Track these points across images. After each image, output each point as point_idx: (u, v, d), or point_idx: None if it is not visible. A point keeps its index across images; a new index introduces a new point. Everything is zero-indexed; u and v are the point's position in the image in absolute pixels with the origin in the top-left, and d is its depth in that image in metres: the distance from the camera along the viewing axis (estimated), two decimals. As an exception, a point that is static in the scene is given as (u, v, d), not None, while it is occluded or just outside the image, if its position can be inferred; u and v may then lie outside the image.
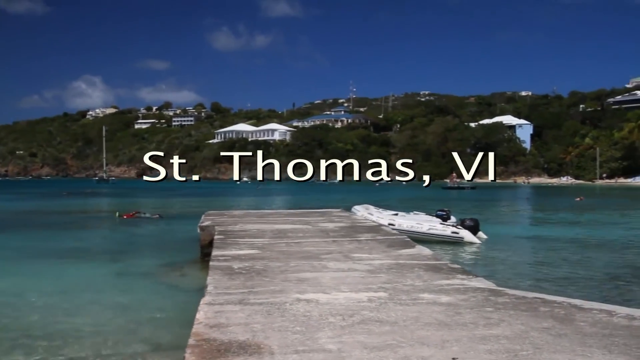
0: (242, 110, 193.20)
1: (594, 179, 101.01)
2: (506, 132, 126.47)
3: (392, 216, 19.56)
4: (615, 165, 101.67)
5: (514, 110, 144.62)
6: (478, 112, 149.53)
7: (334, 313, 5.25)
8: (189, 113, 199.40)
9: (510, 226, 25.70)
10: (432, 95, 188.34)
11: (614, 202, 47.24)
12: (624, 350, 4.07)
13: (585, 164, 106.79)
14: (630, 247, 18.03)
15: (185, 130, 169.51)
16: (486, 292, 6.31)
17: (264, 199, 50.94)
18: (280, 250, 9.79)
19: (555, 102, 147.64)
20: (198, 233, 14.66)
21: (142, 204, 43.31)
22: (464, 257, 15.68)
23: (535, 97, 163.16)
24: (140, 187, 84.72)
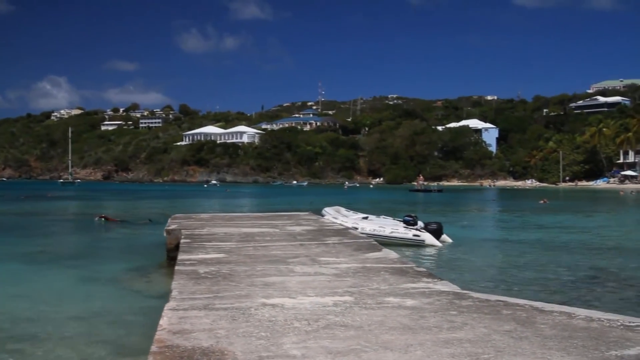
0: (210, 112, 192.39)
1: (558, 182, 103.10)
2: (472, 135, 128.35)
3: (357, 219, 19.68)
4: (578, 169, 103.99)
5: (480, 114, 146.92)
6: (445, 116, 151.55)
7: (299, 318, 5.24)
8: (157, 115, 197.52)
9: (476, 229, 26.04)
10: (400, 98, 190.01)
11: (576, 204, 48.26)
12: (582, 352, 4.15)
13: (549, 167, 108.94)
14: (591, 249, 18.42)
15: (153, 132, 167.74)
16: (451, 295, 6.37)
17: (232, 202, 50.63)
18: (247, 254, 9.73)
19: (520, 107, 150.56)
20: (164, 237, 14.50)
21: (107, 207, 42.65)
22: (431, 260, 15.82)
23: (501, 101, 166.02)
24: (107, 190, 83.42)
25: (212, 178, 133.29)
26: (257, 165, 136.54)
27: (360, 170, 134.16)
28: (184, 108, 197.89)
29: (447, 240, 18.87)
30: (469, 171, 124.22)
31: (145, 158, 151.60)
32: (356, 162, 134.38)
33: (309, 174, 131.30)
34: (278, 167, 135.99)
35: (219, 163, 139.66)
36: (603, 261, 15.70)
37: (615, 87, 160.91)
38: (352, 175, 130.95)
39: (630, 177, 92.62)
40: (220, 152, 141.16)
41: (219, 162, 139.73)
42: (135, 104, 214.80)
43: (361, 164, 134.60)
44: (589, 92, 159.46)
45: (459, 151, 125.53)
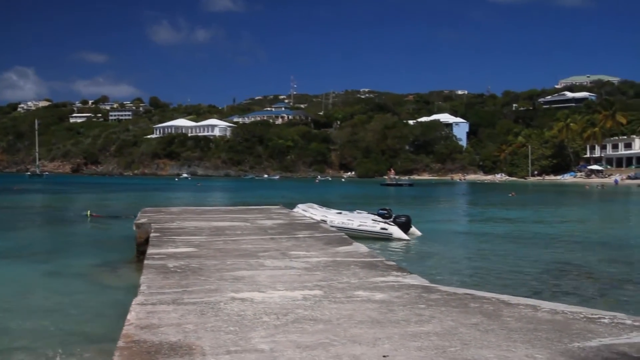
0: (181, 105, 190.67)
1: (526, 176, 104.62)
2: (443, 130, 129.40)
3: (326, 213, 19.74)
4: (546, 163, 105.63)
5: (451, 108, 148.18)
6: (416, 110, 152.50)
7: (268, 312, 5.24)
8: (127, 107, 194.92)
9: (446, 222, 26.30)
10: (372, 92, 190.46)
11: (543, 198, 49.10)
12: (546, 344, 4.23)
13: (518, 162, 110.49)
14: (557, 242, 18.78)
15: (123, 125, 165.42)
16: (419, 289, 6.42)
17: (203, 196, 50.30)
18: (217, 248, 9.69)
19: (490, 101, 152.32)
20: (134, 230, 14.35)
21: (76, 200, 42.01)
22: (401, 254, 15.95)
23: (471, 96, 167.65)
24: (76, 183, 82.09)
25: (183, 171, 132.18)
26: (229, 159, 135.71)
27: (332, 164, 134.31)
28: (155, 101, 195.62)
29: (416, 233, 19.05)
30: (439, 165, 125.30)
31: (115, 151, 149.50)
32: (328, 155, 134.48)
33: (281, 168, 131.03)
34: (250, 160, 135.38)
35: (190, 156, 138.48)
36: (569, 254, 16.01)
37: (582, 83, 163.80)
38: (323, 169, 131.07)
39: (596, 171, 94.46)
40: (191, 145, 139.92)
41: (190, 156, 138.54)
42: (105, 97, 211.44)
43: (333, 158, 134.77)
44: (557, 88, 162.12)
45: (430, 145, 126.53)
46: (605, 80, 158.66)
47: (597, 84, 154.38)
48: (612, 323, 4.86)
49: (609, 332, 4.56)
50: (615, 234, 21.90)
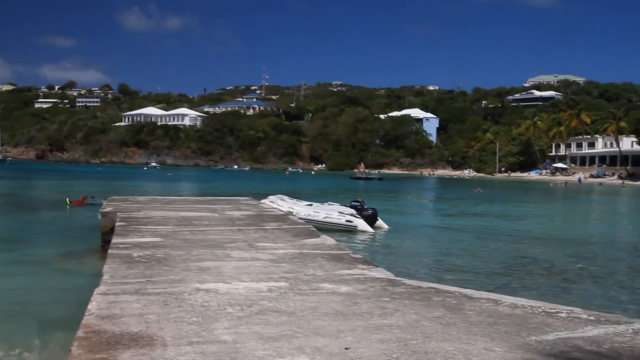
0: (151, 93, 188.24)
1: (494, 173, 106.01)
2: (414, 125, 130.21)
3: (294, 204, 19.79)
4: (513, 160, 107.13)
5: (422, 103, 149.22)
6: (387, 105, 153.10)
7: (232, 303, 5.23)
8: (95, 94, 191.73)
9: (413, 216, 26.56)
10: (344, 85, 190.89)
11: (508, 194, 49.88)
12: (505, 338, 4.31)
13: (486, 158, 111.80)
14: (520, 237, 19.12)
15: (91, 112, 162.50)
16: (384, 282, 6.47)
17: (171, 185, 49.79)
18: (184, 238, 9.62)
19: (460, 98, 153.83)
20: (99, 219, 14.16)
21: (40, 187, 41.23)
22: (369, 247, 16.06)
23: (442, 92, 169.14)
24: (41, 169, 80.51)
25: (152, 160, 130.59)
26: (199, 149, 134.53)
27: (302, 156, 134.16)
28: (124, 88, 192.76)
29: (383, 226, 19.22)
30: (409, 160, 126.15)
31: (82, 138, 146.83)
32: (299, 148, 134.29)
33: (251, 159, 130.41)
34: (220, 151, 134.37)
35: (159, 145, 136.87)
36: (532, 249, 16.32)
37: (549, 82, 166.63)
38: (294, 161, 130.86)
39: (560, 169, 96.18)
40: (160, 134, 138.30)
41: (159, 145, 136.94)
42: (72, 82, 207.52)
43: (303, 150, 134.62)
44: (525, 86, 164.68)
45: (400, 140, 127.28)
46: (571, 80, 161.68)
47: (564, 84, 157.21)
48: (568, 317, 4.97)
49: (566, 326, 4.67)
50: (576, 231, 22.41)
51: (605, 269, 13.59)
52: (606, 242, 19.01)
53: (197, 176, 76.99)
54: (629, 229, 24.77)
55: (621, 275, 12.91)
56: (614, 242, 19.18)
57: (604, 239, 19.76)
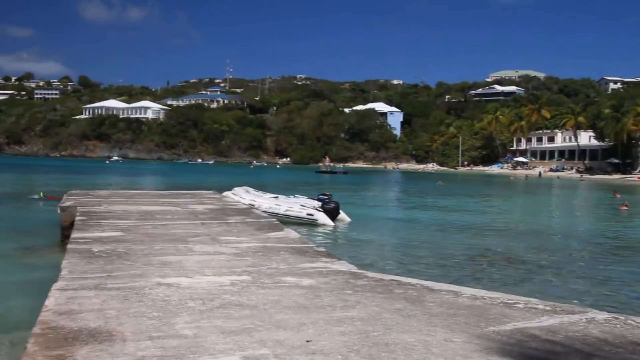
0: (112, 85, 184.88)
1: (457, 167, 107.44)
2: (378, 118, 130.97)
3: (257, 197, 19.77)
4: (476, 154, 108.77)
5: (386, 97, 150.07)
6: (352, 98, 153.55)
7: (194, 297, 5.20)
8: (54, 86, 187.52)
9: (376, 209, 26.74)
10: (309, 79, 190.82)
11: (469, 187, 50.67)
12: (464, 329, 4.39)
13: (450, 152, 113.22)
14: (481, 229, 19.44)
15: (50, 104, 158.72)
16: (347, 274, 6.51)
17: (134, 179, 49.06)
18: (146, 232, 9.51)
19: (424, 92, 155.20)
20: (58, 214, 13.88)
21: (-3, 182, 40.13)
22: (333, 240, 16.13)
23: (406, 86, 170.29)
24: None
25: (113, 154, 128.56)
26: (162, 142, 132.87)
27: (267, 150, 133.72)
28: (84, 80, 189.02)
29: (346, 219, 19.33)
30: (374, 153, 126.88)
31: (40, 131, 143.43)
32: (263, 141, 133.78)
33: (216, 153, 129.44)
34: (183, 144, 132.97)
35: (122, 138, 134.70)
36: (492, 241, 16.62)
37: (511, 77, 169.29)
38: (259, 154, 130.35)
39: (521, 163, 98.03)
40: (122, 127, 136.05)
41: (122, 138, 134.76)
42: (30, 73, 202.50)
43: (268, 144, 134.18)
44: (487, 81, 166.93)
45: (365, 133, 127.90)
46: (532, 75, 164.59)
47: (525, 79, 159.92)
48: (526, 308, 5.09)
49: (523, 317, 4.77)
50: (536, 223, 22.88)
51: (563, 259, 13.93)
52: (564, 233, 19.47)
53: (161, 170, 76.07)
54: (585, 221, 25.43)
55: (578, 265, 13.24)
56: (571, 234, 19.65)
57: (562, 231, 20.24)
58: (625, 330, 4.43)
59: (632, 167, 79.61)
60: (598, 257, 14.57)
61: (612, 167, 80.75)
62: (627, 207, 29.99)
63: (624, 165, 79.74)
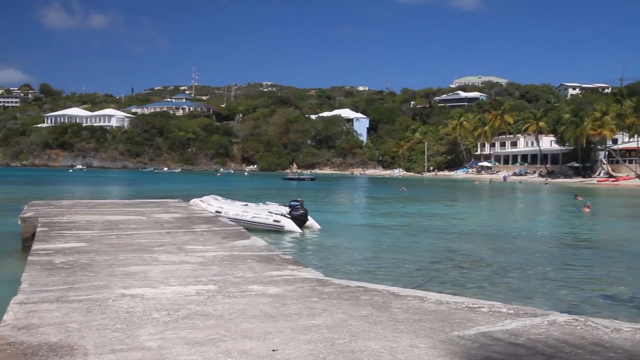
0: (75, 93, 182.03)
1: (423, 172, 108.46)
2: (344, 125, 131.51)
3: (222, 204, 19.66)
4: (441, 159, 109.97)
5: (352, 104, 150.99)
6: (318, 105, 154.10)
7: (159, 308, 5.13)
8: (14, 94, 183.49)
9: (344, 215, 26.81)
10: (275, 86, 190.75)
11: (434, 192, 51.17)
12: (429, 334, 4.43)
13: (415, 157, 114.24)
14: (447, 233, 19.64)
15: (9, 113, 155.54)
16: (314, 282, 6.51)
17: (99, 189, 48.26)
18: (110, 242, 9.37)
19: (389, 98, 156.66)
20: (19, 225, 13.58)
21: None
22: (300, 247, 16.11)
23: (372, 92, 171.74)
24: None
25: (77, 163, 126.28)
26: (127, 150, 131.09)
27: (234, 157, 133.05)
28: (46, 88, 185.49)
29: (315, 226, 19.33)
30: (340, 160, 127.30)
31: (0, 140, 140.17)
32: (230, 149, 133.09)
33: (182, 160, 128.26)
34: (149, 152, 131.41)
35: (85, 147, 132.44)
36: (458, 245, 16.79)
37: (474, 83, 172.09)
38: (225, 162, 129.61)
39: (486, 167, 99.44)
40: (86, 135, 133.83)
41: (85, 146, 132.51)
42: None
43: (235, 151, 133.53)
44: (451, 87, 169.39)
45: (332, 140, 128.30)
46: (494, 81, 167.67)
47: (488, 85, 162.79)
48: (490, 312, 5.16)
49: (487, 320, 4.84)
50: (502, 227, 23.22)
51: (528, 261, 14.15)
52: (529, 236, 19.80)
53: (126, 178, 75.00)
54: (550, 223, 25.91)
55: (542, 267, 13.47)
56: (536, 236, 19.99)
57: (527, 233, 20.57)
58: (584, 331, 4.53)
59: (591, 171, 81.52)
60: (562, 258, 14.86)
61: (572, 171, 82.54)
62: (589, 208, 30.77)
63: (583, 169, 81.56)
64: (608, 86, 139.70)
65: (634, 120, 72.86)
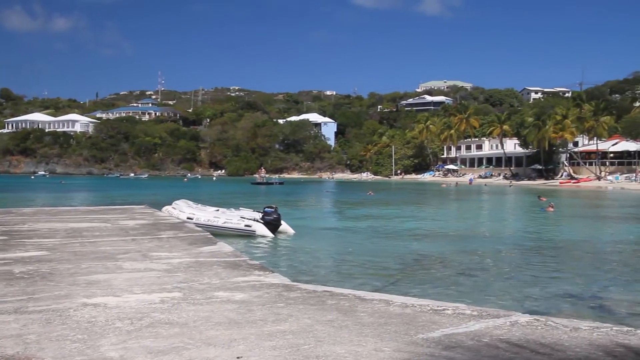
0: (37, 98, 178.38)
1: (390, 175, 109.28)
2: (312, 129, 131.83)
3: (194, 210, 19.54)
4: (408, 163, 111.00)
5: (320, 108, 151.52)
6: (286, 109, 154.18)
7: (122, 317, 5.05)
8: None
9: (313, 219, 26.81)
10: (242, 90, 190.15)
11: (401, 195, 51.60)
12: (394, 337, 4.45)
13: (383, 161, 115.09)
14: (416, 236, 19.80)
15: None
16: (280, 287, 6.49)
17: (62, 195, 47.32)
18: (73, 250, 9.19)
19: (357, 102, 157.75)
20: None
21: None
22: (270, 251, 16.07)
23: (339, 96, 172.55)
24: None
25: (40, 169, 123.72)
26: (92, 156, 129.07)
27: (201, 162, 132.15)
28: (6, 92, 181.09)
29: (289, 230, 19.34)
30: (309, 164, 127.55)
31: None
32: (197, 153, 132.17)
33: (148, 166, 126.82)
34: (115, 158, 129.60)
35: (48, 153, 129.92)
36: (424, 247, 16.97)
37: (440, 88, 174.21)
38: (193, 167, 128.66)
39: (452, 170, 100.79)
40: (49, 141, 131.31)
41: (48, 152, 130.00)
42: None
43: (202, 156, 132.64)
44: (417, 91, 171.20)
45: (300, 144, 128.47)
46: (459, 85, 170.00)
47: (453, 89, 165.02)
48: (454, 314, 5.21)
49: (451, 323, 4.89)
50: (468, 228, 23.53)
51: (494, 262, 14.37)
52: (495, 236, 20.12)
53: (91, 185, 73.78)
54: (515, 224, 26.37)
55: (507, 267, 13.68)
56: (502, 237, 20.33)
57: (493, 234, 20.91)
58: (545, 331, 4.60)
59: (554, 173, 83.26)
60: (527, 258, 15.15)
61: (536, 173, 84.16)
62: (553, 208, 31.50)
63: (546, 171, 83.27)
64: (568, 90, 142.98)
65: (593, 123, 74.74)
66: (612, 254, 16.36)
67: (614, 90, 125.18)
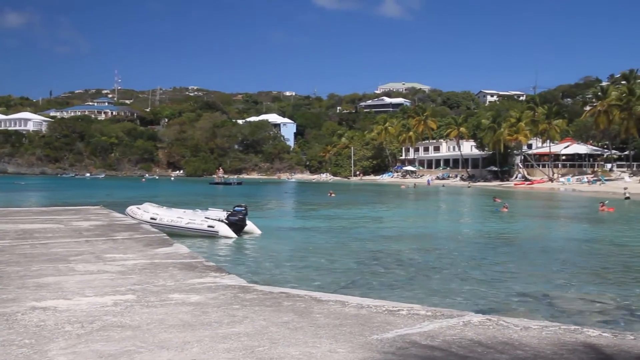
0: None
1: (349, 176, 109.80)
2: (272, 130, 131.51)
3: (157, 210, 19.25)
4: (367, 164, 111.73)
5: (279, 109, 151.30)
6: (245, 110, 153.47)
7: (72, 321, 4.94)
8: None
9: (273, 220, 26.71)
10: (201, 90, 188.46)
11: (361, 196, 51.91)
12: (348, 338, 4.47)
13: (342, 162, 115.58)
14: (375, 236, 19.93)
15: None
16: (236, 289, 6.45)
17: (13, 196, 45.97)
18: (23, 252, 8.95)
19: (316, 103, 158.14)
20: None
21: None
22: (231, 253, 15.95)
23: (299, 97, 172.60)
24: None
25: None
26: (45, 156, 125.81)
27: (159, 163, 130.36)
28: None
29: (256, 231, 19.27)
30: (268, 164, 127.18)
31: None
32: (155, 154, 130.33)
33: (104, 166, 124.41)
34: (69, 157, 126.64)
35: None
36: (382, 247, 17.10)
37: (398, 90, 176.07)
38: (150, 167, 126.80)
39: (410, 172, 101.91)
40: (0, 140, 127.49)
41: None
42: None
43: (160, 156, 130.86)
44: (376, 93, 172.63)
45: (259, 145, 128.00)
46: (418, 87, 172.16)
47: (411, 91, 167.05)
48: (409, 314, 5.27)
49: (405, 323, 4.94)
50: (425, 228, 23.84)
51: (449, 262, 14.56)
52: (451, 236, 20.43)
53: (44, 185, 71.88)
54: (471, 223, 26.82)
55: (462, 267, 13.88)
56: (458, 236, 20.67)
57: (450, 234, 21.22)
58: (496, 331, 4.70)
59: (509, 174, 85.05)
60: (482, 257, 15.42)
61: (491, 175, 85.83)
62: (507, 208, 32.22)
63: (502, 173, 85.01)
64: (523, 94, 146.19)
65: (546, 126, 76.55)
66: (563, 253, 16.80)
67: (566, 94, 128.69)
